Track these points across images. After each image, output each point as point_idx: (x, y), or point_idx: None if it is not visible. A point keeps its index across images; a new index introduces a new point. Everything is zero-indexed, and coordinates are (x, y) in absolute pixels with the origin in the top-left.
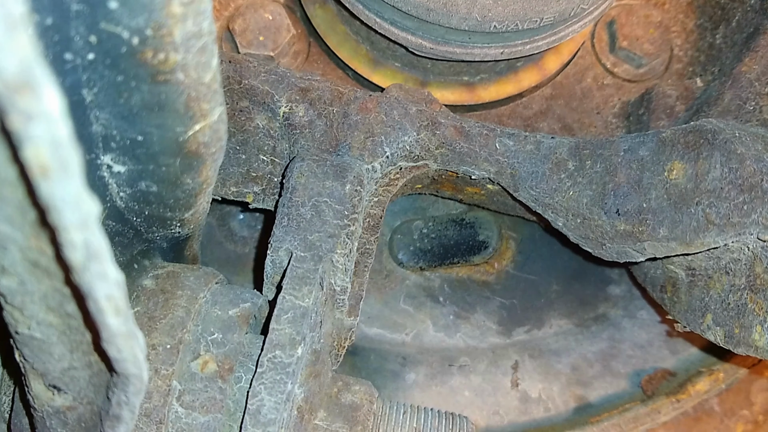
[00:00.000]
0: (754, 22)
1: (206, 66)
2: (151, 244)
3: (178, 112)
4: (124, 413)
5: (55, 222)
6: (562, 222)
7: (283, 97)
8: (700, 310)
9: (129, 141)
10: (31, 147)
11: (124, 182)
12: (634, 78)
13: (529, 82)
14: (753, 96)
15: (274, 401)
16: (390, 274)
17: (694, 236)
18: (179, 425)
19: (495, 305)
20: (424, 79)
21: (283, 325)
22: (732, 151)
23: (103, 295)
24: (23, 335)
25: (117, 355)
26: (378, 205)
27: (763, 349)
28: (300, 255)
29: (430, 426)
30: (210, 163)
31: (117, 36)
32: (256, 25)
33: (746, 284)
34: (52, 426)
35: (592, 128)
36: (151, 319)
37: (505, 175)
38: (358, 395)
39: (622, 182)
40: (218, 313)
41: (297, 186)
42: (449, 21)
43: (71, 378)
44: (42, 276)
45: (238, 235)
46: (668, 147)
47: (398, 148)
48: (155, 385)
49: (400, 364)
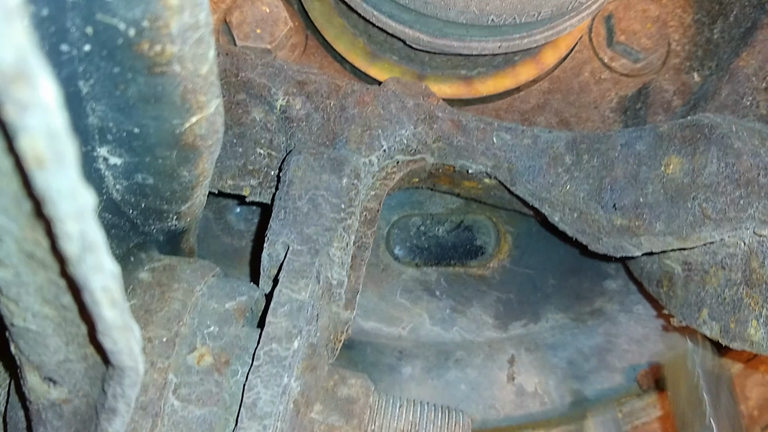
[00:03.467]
0: (752, 17)
1: (203, 58)
2: (148, 237)
3: (174, 104)
4: (120, 406)
5: (51, 213)
6: (558, 216)
7: (280, 90)
8: (696, 305)
9: (125, 133)
10: (27, 137)
11: (121, 174)
12: (632, 72)
13: (526, 76)
14: (750, 91)
15: (270, 394)
16: (387, 268)
17: (690, 231)
18: (175, 418)
19: (491, 299)
20: (421, 72)
21: (279, 319)
22: (729, 146)
23: (99, 286)
24: (18, 327)
25: (112, 347)
26: (375, 198)
27: (758, 344)
28: (297, 248)
29: (426, 419)
30: (206, 156)
31: (113, 27)
32: (253, 17)
33: (742, 279)
34: (47, 419)
35: (590, 122)
36: (147, 311)
37: (502, 170)
38: (355, 389)
39: (619, 177)
40: (215, 306)
41: (294, 179)
42: (447, 14)
43: (67, 371)
44: (37, 268)
45: (235, 228)
46: (665, 142)
47: (395, 142)
48: (151, 378)
49: (396, 358)
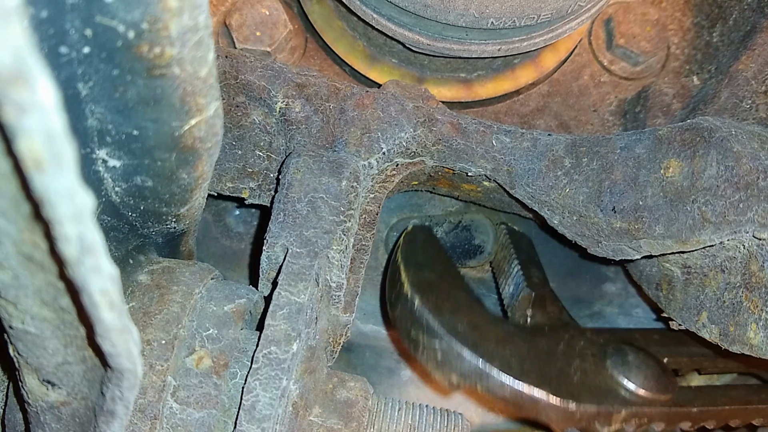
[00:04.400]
0: (751, 21)
1: (202, 60)
2: (147, 239)
3: (173, 106)
4: (119, 408)
5: (49, 215)
6: (558, 219)
7: (280, 92)
8: (695, 308)
9: (124, 135)
10: (25, 139)
11: (120, 177)
12: (631, 76)
13: (526, 79)
14: (749, 94)
15: (269, 397)
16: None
17: (689, 234)
18: (174, 421)
19: (491, 302)
20: (421, 75)
21: (278, 321)
22: (728, 149)
23: (98, 289)
24: (17, 330)
25: (111, 349)
26: (374, 201)
27: (757, 347)
28: (296, 251)
29: (425, 422)
30: (206, 158)
31: (113, 30)
32: (252, 20)
33: (741, 282)
34: (46, 421)
35: (589, 126)
36: (146, 314)
37: (501, 172)
38: (354, 391)
39: (619, 180)
40: (213, 309)
41: (293, 182)
42: (446, 17)
43: (65, 373)
44: (36, 270)
45: (234, 230)
46: (665, 145)
47: (395, 145)
48: (150, 380)
49: (395, 361)
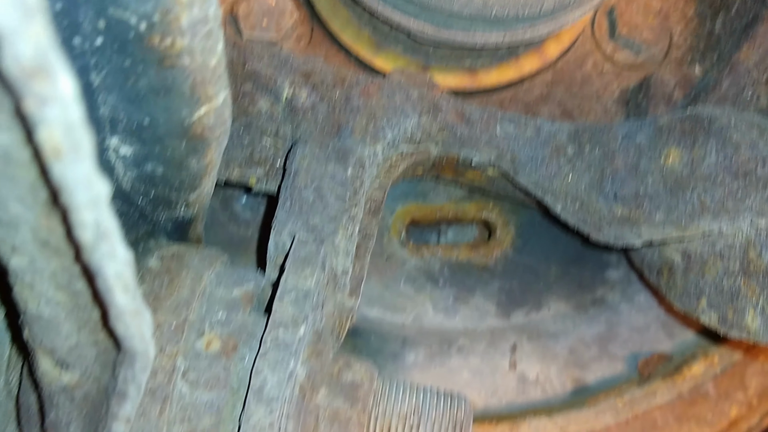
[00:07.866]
0: (753, 10)
1: (212, 51)
2: (156, 225)
3: (183, 95)
4: (130, 390)
5: (67, 202)
6: (560, 206)
7: (286, 81)
8: (694, 294)
9: (135, 124)
10: (45, 129)
11: (131, 164)
12: (634, 65)
13: (530, 68)
14: (750, 84)
15: (276, 379)
16: (391, 257)
17: (689, 221)
18: (183, 402)
19: (494, 288)
20: (426, 63)
21: (286, 305)
22: (727, 138)
23: (113, 273)
24: (32, 313)
25: (124, 332)
26: (379, 188)
27: (755, 333)
28: (302, 237)
29: (429, 404)
30: (214, 146)
31: (125, 21)
32: (259, 9)
33: (740, 269)
34: (59, 403)
35: (592, 114)
36: (156, 298)
37: (505, 160)
38: (359, 374)
39: (620, 167)
40: (222, 293)
41: (299, 169)
42: (451, 6)
43: (78, 356)
44: (52, 255)
45: (241, 217)
46: (665, 133)
47: (400, 132)
48: (160, 363)
49: (400, 345)
